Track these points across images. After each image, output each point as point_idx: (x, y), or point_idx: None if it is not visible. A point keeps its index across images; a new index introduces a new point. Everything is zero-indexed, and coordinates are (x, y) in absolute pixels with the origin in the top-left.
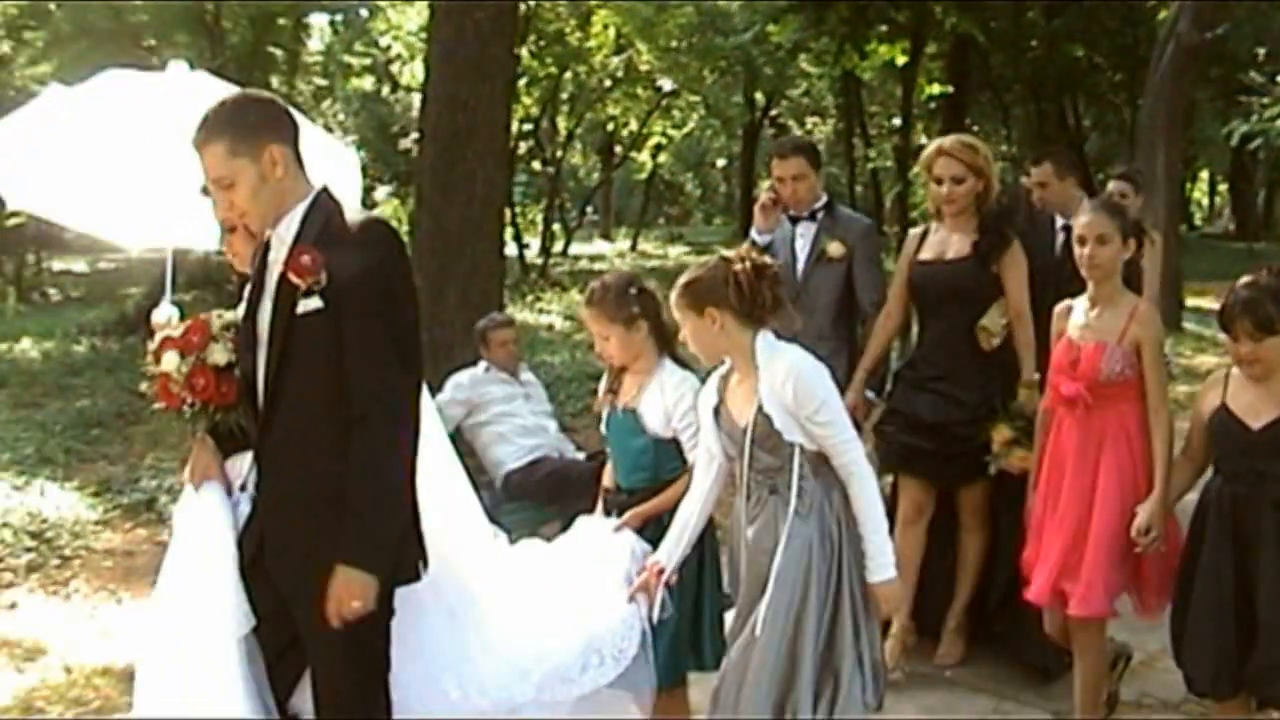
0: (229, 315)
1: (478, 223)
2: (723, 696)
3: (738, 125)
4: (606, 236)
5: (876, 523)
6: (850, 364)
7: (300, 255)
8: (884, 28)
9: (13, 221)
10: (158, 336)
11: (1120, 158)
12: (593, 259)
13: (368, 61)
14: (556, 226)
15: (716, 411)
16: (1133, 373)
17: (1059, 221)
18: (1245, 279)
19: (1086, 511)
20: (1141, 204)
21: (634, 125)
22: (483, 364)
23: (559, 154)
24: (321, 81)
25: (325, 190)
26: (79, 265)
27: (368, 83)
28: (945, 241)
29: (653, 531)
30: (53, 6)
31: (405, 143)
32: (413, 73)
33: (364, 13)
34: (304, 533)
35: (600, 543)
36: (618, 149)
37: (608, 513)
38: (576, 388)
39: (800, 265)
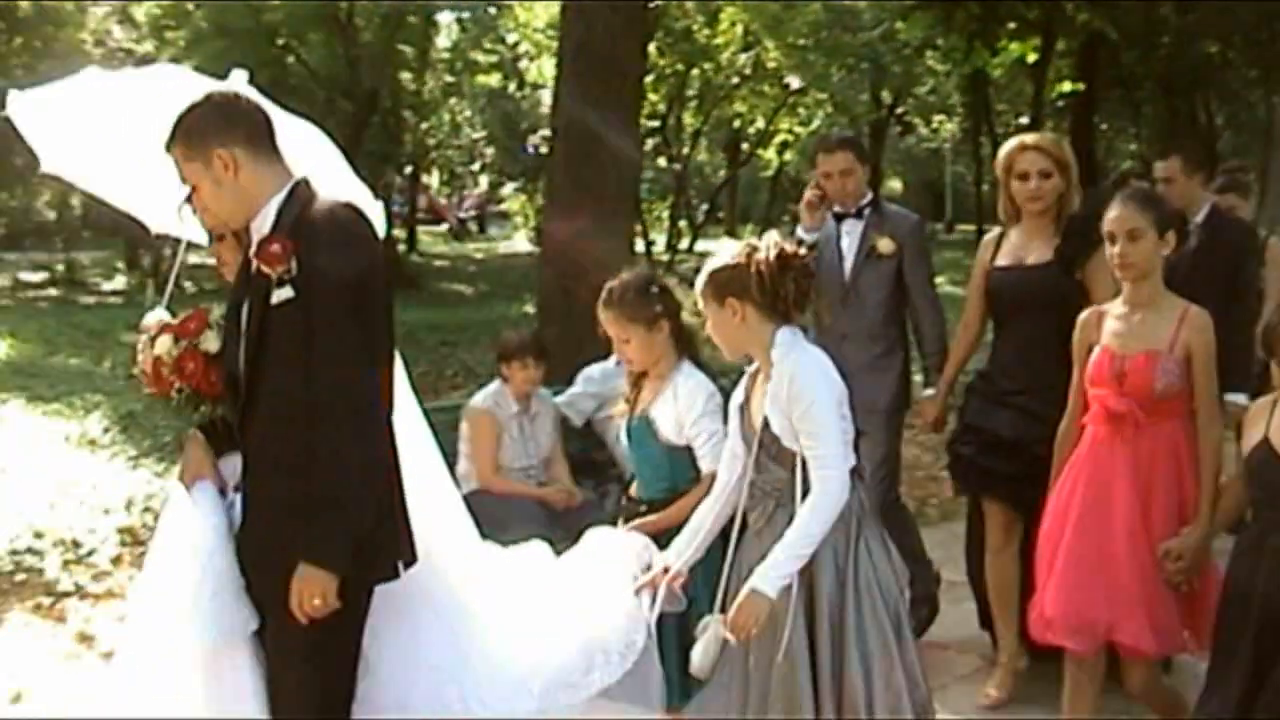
0: (216, 310)
1: (608, 219)
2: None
3: (864, 123)
4: (732, 233)
5: (800, 543)
6: (905, 364)
7: (269, 245)
8: (1014, 25)
9: None
10: (154, 325)
11: (1254, 156)
12: None
13: (495, 59)
14: (683, 223)
15: (742, 410)
16: (1186, 385)
17: None
18: None
19: (1145, 543)
20: (1253, 207)
21: (760, 122)
22: (614, 358)
23: (685, 151)
24: (450, 79)
25: (303, 181)
26: (212, 259)
27: (494, 80)
28: (1024, 246)
29: (663, 547)
30: (191, 6)
31: (534, 139)
32: (540, 70)
33: (492, 10)
34: (275, 529)
35: (608, 547)
36: (744, 146)
37: (625, 523)
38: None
39: (848, 263)
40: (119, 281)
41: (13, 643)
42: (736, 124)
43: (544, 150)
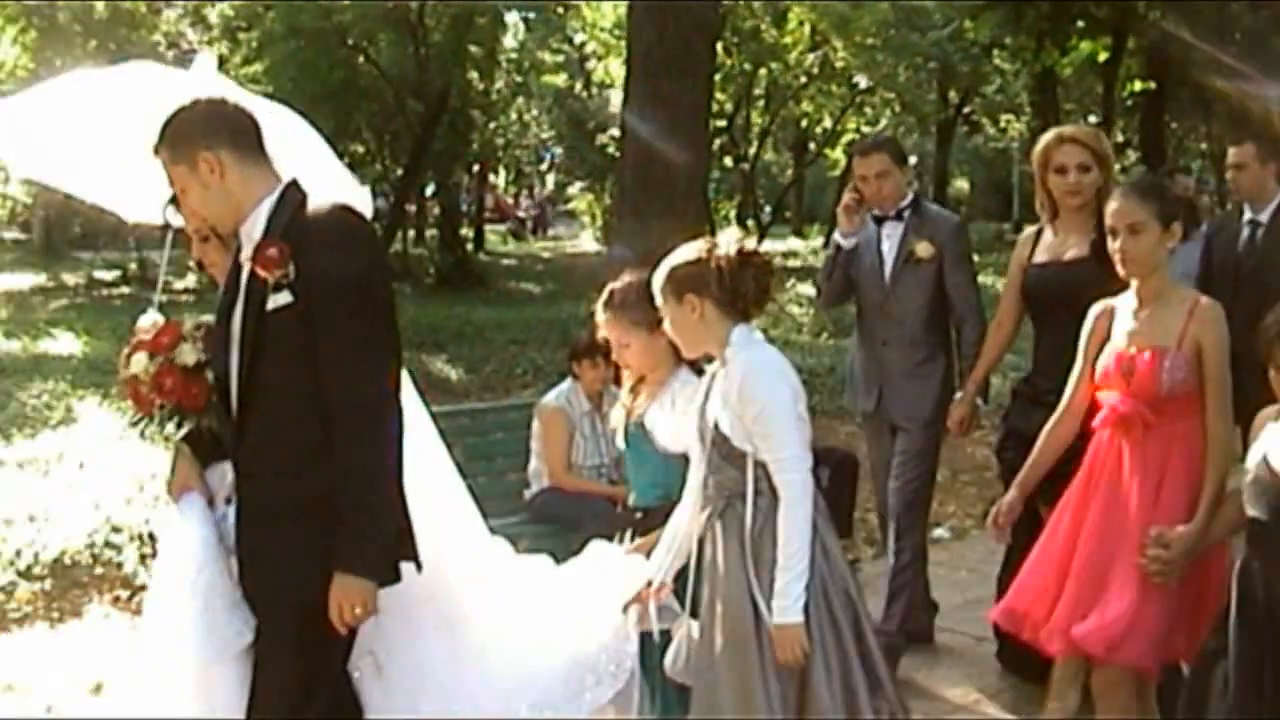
0: (203, 317)
1: (678, 218)
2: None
3: (931, 122)
4: (799, 234)
5: (791, 559)
6: (947, 370)
7: (266, 248)
8: (1084, 24)
9: None
10: (148, 328)
11: None
12: (786, 255)
13: (560, 59)
14: (750, 223)
15: (701, 410)
16: (1197, 382)
17: (1247, 214)
18: None
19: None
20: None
21: (827, 122)
22: None
23: (753, 150)
24: (517, 79)
25: (293, 183)
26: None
27: (561, 80)
28: (1063, 242)
29: None
30: (261, 8)
31: (601, 138)
32: (607, 70)
33: (560, 10)
34: (275, 537)
35: (605, 562)
36: (810, 146)
37: (621, 532)
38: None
39: (888, 268)
40: (190, 280)
41: (92, 635)
42: (804, 123)
43: (612, 150)
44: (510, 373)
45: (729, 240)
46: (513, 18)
